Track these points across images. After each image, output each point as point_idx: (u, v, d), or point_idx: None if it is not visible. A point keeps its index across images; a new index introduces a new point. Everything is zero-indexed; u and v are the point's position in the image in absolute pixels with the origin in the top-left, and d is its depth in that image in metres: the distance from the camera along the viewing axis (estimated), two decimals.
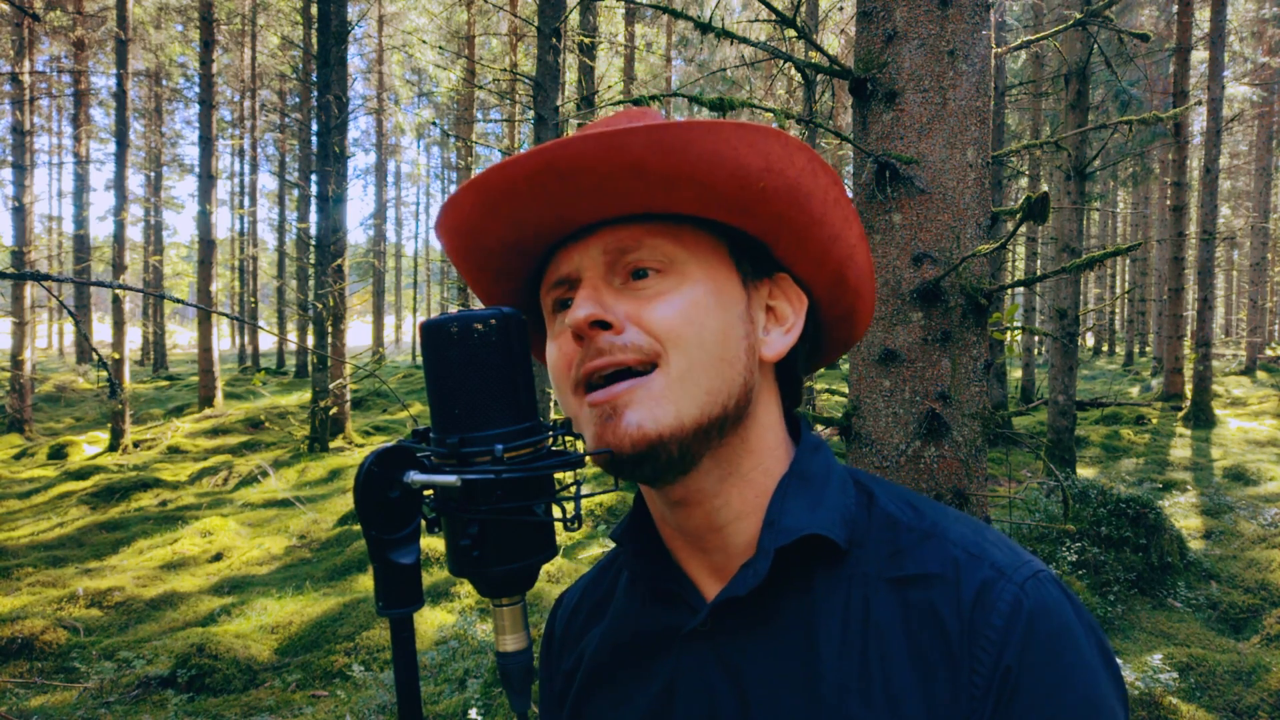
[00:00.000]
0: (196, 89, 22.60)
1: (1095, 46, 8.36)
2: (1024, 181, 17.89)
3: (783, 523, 0.66)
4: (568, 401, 0.68)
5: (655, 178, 0.61)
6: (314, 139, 12.98)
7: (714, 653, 0.67)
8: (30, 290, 12.67)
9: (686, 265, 0.65)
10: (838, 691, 0.61)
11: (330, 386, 11.38)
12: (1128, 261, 29.41)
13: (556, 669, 0.82)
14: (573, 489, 0.66)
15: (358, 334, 46.62)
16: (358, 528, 7.16)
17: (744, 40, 2.73)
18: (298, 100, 24.94)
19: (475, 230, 0.68)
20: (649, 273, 0.65)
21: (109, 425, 12.43)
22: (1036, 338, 18.68)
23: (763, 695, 0.64)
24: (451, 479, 0.59)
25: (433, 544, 5.67)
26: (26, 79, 12.96)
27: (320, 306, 11.17)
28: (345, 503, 8.42)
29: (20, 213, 12.78)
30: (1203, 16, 17.30)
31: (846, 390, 2.56)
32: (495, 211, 0.66)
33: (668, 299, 0.64)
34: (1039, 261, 19.28)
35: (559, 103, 7.19)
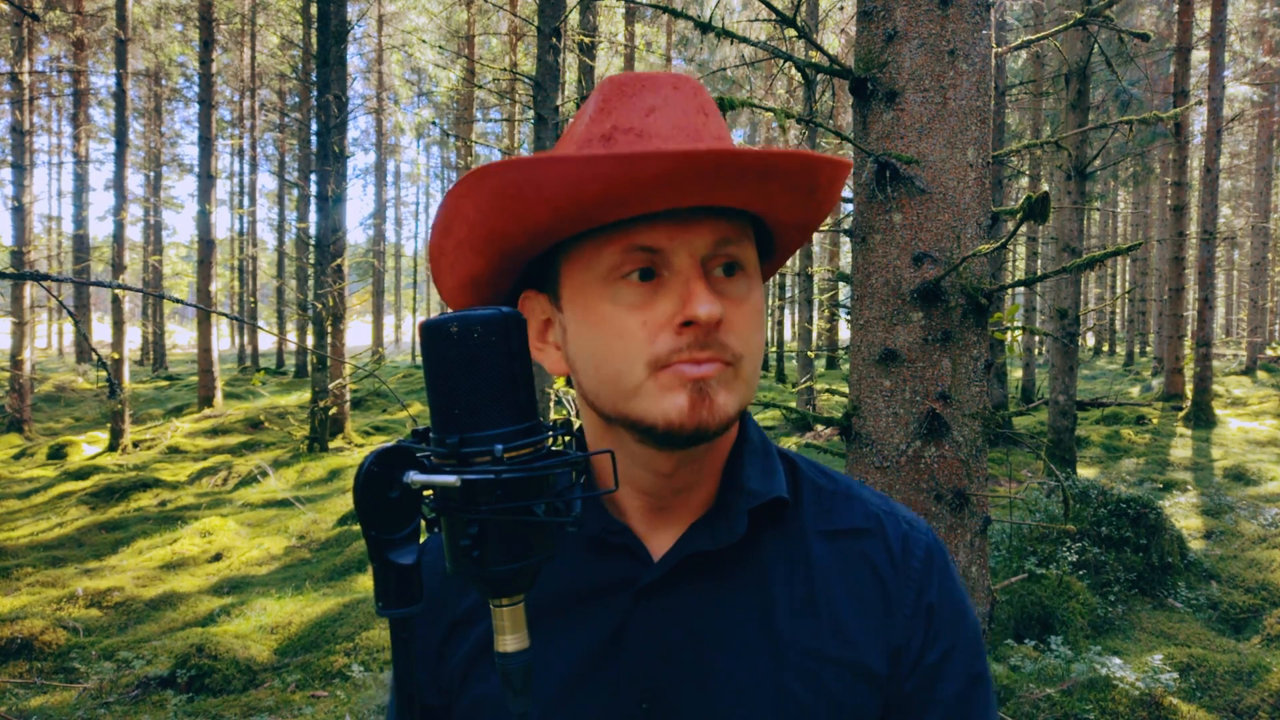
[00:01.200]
0: (196, 89, 22.63)
1: (1096, 46, 8.36)
2: (1024, 181, 17.90)
3: (750, 485, 0.74)
4: (628, 373, 0.66)
5: (800, 196, 0.68)
6: (313, 138, 12.98)
7: (667, 601, 0.72)
8: (30, 290, 12.66)
9: (755, 268, 0.71)
10: (791, 624, 0.71)
11: (330, 386, 11.37)
12: (1128, 261, 29.42)
13: (440, 616, 0.80)
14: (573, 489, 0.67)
15: (357, 334, 46.63)
16: (357, 528, 7.15)
17: (744, 40, 2.73)
18: (297, 100, 24.94)
19: (624, 190, 0.62)
20: (737, 270, 0.69)
21: (108, 425, 12.42)
22: (1037, 338, 18.68)
23: (718, 637, 0.71)
24: (451, 479, 0.59)
25: None
26: (26, 79, 12.95)
27: (320, 306, 11.16)
28: (345, 503, 8.42)
29: (20, 212, 12.77)
30: (1203, 16, 17.30)
31: (846, 390, 2.56)
32: (670, 181, 0.61)
33: (748, 307, 0.69)
34: (1039, 261, 19.28)
35: (559, 102, 7.18)
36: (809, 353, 12.14)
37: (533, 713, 0.73)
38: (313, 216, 12.08)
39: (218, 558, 6.79)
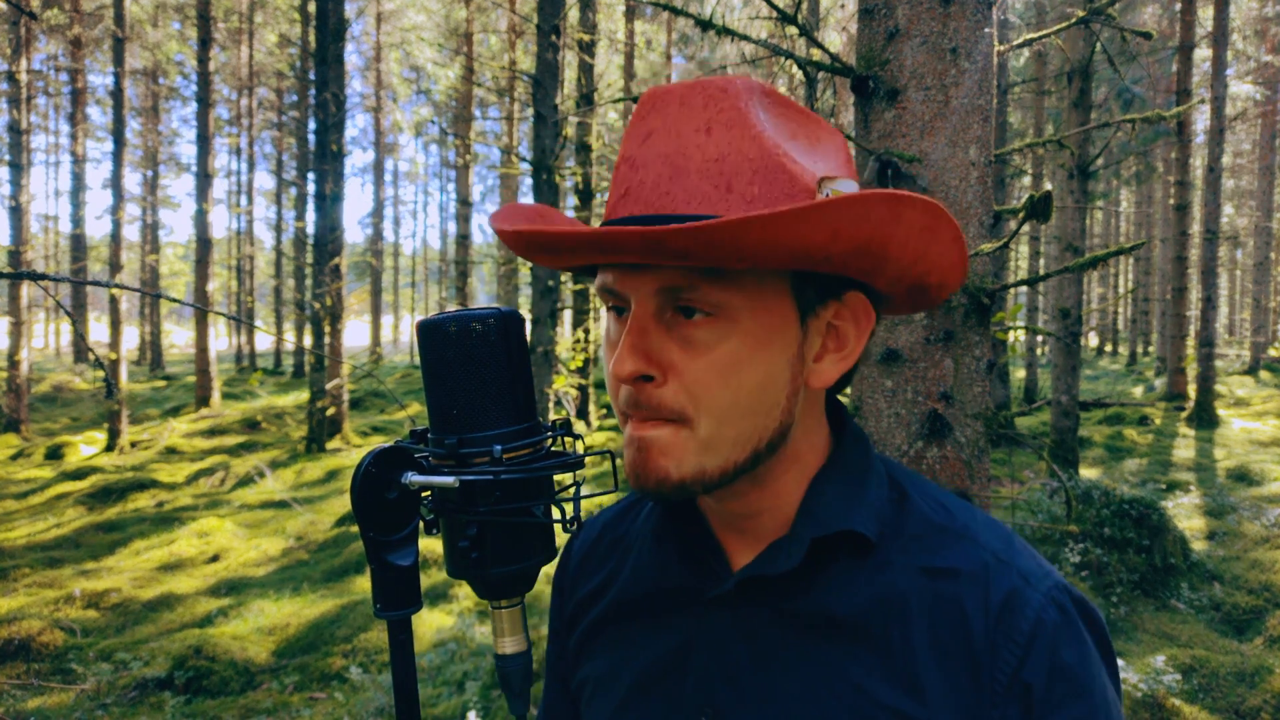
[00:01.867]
0: (194, 87, 22.60)
1: (1098, 44, 8.35)
2: (1027, 180, 17.89)
3: (820, 514, 0.68)
4: (613, 392, 0.67)
5: (712, 261, 0.59)
6: (311, 137, 12.97)
7: (735, 620, 0.70)
8: (27, 290, 12.64)
9: (738, 312, 0.63)
10: (859, 667, 0.64)
11: (328, 387, 11.35)
12: (1131, 261, 29.44)
13: (571, 594, 0.86)
14: (572, 490, 0.66)
15: (355, 334, 46.61)
16: (355, 529, 7.13)
17: (745, 37, 2.71)
18: (295, 98, 24.92)
19: (541, 256, 0.68)
20: (697, 314, 0.63)
21: (106, 425, 12.40)
22: (1040, 337, 18.69)
23: (782, 663, 0.67)
24: (449, 480, 0.59)
25: (431, 545, 5.65)
26: (23, 77, 12.93)
27: (318, 306, 11.14)
28: (343, 504, 8.40)
29: (16, 212, 12.75)
30: (1206, 14, 17.29)
31: (848, 390, 2.54)
32: (549, 253, 0.66)
33: (710, 356, 0.63)
34: (1042, 261, 19.29)
35: (558, 100, 7.17)
36: None
37: (604, 712, 0.75)
38: (310, 215, 12.07)
39: (215, 559, 6.77)
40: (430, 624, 4.94)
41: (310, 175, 13.70)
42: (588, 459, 0.67)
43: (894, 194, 0.58)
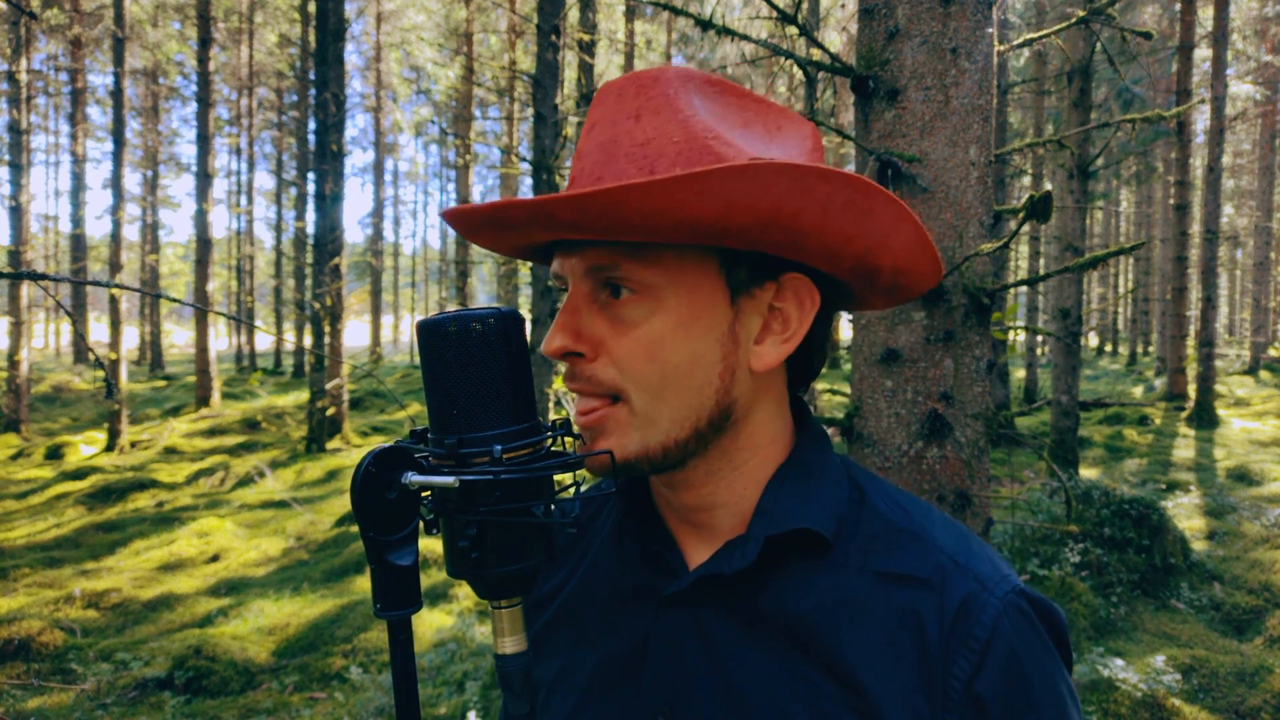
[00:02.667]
0: (194, 87, 22.61)
1: (1098, 44, 8.35)
2: (1027, 180, 17.89)
3: (775, 512, 0.68)
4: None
5: (605, 233, 0.61)
6: (311, 137, 12.97)
7: (692, 619, 0.70)
8: (27, 290, 12.64)
9: (662, 291, 0.64)
10: (812, 667, 0.64)
11: (328, 387, 11.35)
12: (1131, 261, 29.43)
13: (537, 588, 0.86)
14: (571, 490, 0.66)
15: (355, 333, 46.62)
16: (355, 529, 7.13)
17: (745, 37, 2.71)
18: (295, 98, 24.92)
19: (480, 235, 0.71)
20: (623, 292, 0.65)
21: (105, 425, 12.40)
22: (1040, 337, 18.68)
23: (739, 663, 0.67)
24: (449, 480, 0.59)
25: (431, 545, 5.65)
26: (23, 77, 12.93)
27: (318, 306, 11.14)
28: (343, 504, 8.40)
29: (16, 212, 12.75)
30: (1206, 14, 17.28)
31: (848, 390, 2.55)
32: (494, 234, 0.69)
33: (635, 333, 0.65)
34: (1042, 261, 19.29)
35: (558, 100, 7.17)
36: None
37: (562, 711, 0.75)
38: (310, 215, 12.07)
39: (215, 559, 6.77)
40: (430, 624, 4.94)
41: (310, 175, 13.70)
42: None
43: (795, 165, 0.57)
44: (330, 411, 11.59)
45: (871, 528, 0.69)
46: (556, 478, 0.66)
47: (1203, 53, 17.21)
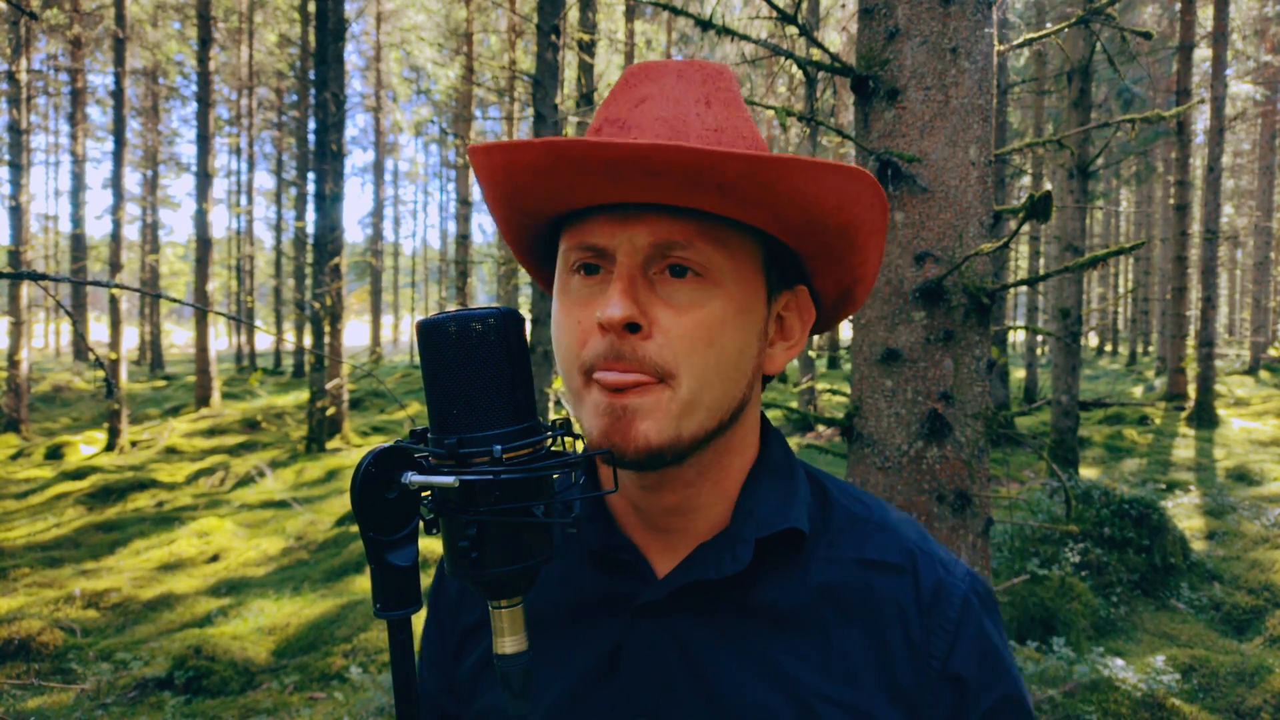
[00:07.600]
0: (194, 87, 22.60)
1: (1098, 44, 8.35)
2: (1026, 180, 17.89)
3: (760, 513, 0.69)
4: (570, 374, 0.67)
5: (736, 196, 0.60)
6: (311, 137, 12.96)
7: (668, 626, 0.69)
8: (27, 289, 12.64)
9: (724, 276, 0.64)
10: (797, 661, 0.66)
11: (327, 386, 11.35)
12: (1131, 261, 29.43)
13: (454, 621, 0.81)
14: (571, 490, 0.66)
15: (355, 333, 46.57)
16: (355, 529, 7.13)
17: (745, 37, 2.71)
18: (295, 98, 24.91)
19: (522, 178, 0.65)
20: (689, 273, 0.64)
21: (105, 425, 12.40)
22: (1039, 337, 18.68)
23: (721, 668, 0.67)
24: (449, 480, 0.59)
25: (431, 545, 5.65)
26: (23, 77, 12.92)
27: (317, 306, 11.14)
28: (343, 504, 8.40)
29: (16, 212, 12.74)
30: (1205, 14, 17.28)
31: (848, 390, 2.55)
32: (556, 173, 0.62)
33: (697, 314, 0.63)
34: (1042, 260, 19.30)
35: (558, 100, 7.17)
36: (810, 352, 12.13)
37: None
38: (310, 215, 12.06)
39: (215, 559, 6.77)
40: None
41: (310, 175, 13.69)
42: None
43: (877, 184, 0.62)
44: (330, 411, 11.59)
45: (839, 521, 0.72)
46: (556, 477, 0.66)
47: (1203, 53, 17.20)
